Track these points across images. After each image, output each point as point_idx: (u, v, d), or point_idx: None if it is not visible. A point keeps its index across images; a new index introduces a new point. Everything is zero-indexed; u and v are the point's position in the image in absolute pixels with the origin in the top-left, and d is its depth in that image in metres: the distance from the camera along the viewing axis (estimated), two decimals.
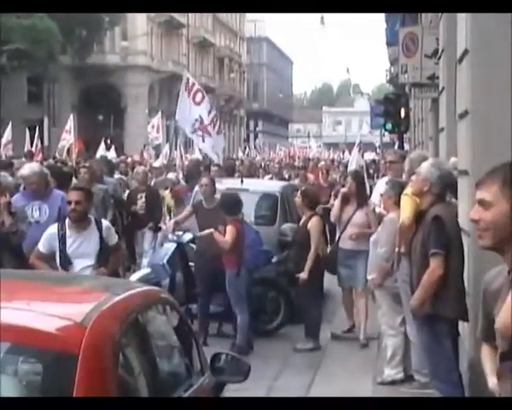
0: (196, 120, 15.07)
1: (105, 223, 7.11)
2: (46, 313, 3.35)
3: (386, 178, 9.77)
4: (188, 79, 15.45)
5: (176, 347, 4.26)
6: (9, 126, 22.52)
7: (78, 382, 2.96)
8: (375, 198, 9.81)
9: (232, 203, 9.53)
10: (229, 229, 9.33)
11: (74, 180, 11.37)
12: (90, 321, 3.19)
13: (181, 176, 16.45)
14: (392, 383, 7.69)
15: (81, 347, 3.03)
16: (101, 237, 6.84)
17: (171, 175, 15.91)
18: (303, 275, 9.49)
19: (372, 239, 8.24)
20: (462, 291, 6.00)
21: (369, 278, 8.16)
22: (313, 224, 9.69)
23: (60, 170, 10.75)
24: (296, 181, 17.79)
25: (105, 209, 11.58)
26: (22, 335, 3.14)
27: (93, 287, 4.32)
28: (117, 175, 15.93)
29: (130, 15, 54.36)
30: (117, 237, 7.19)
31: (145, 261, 12.16)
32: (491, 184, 2.69)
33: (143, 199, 13.26)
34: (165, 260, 9.99)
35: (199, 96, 15.14)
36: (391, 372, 7.81)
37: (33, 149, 21.37)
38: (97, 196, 11.56)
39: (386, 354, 7.92)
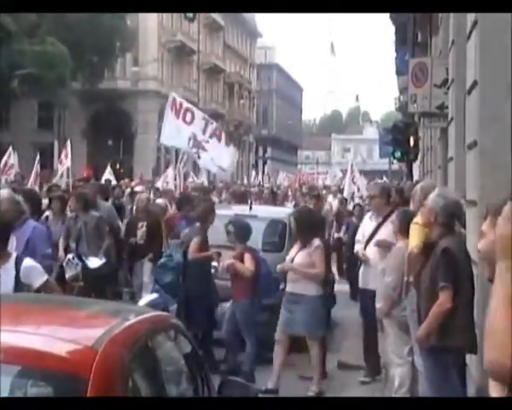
0: (190, 139, 15.00)
1: (27, 262, 6.03)
2: (57, 336, 3.37)
3: (370, 213, 9.82)
4: (174, 99, 15.13)
5: (184, 372, 4.28)
6: (10, 149, 22.02)
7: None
8: (360, 235, 9.61)
9: (244, 230, 9.54)
10: (248, 257, 9.32)
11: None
12: (101, 345, 3.21)
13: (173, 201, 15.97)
14: None
15: (92, 370, 3.05)
16: (17, 278, 5.84)
17: (159, 201, 15.29)
18: None
19: (380, 268, 8.26)
20: (470, 323, 5.98)
21: (377, 306, 8.16)
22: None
23: (30, 195, 9.92)
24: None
25: (99, 238, 11.31)
26: (33, 358, 3.16)
27: (103, 312, 4.35)
28: (111, 200, 15.49)
29: (141, 41, 54.81)
30: (46, 276, 6.18)
31: (145, 295, 11.40)
32: (487, 214, 2.72)
33: (144, 228, 12.72)
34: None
35: (189, 116, 14.94)
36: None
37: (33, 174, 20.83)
38: (90, 224, 11.33)
39: (394, 383, 7.89)
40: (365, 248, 9.17)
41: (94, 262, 11.00)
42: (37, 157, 21.18)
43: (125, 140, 55.26)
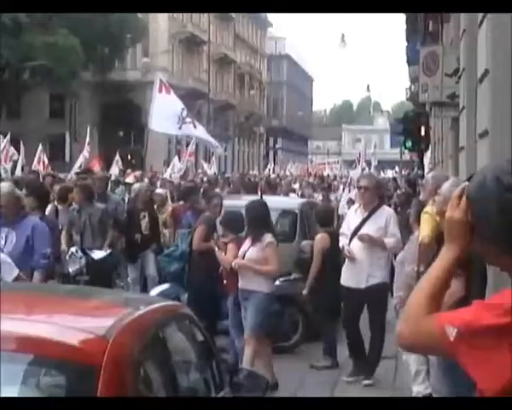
0: (183, 109, 15.01)
1: None
2: (68, 325, 3.39)
3: (356, 206, 9.49)
4: (161, 80, 15.35)
5: (195, 362, 4.29)
6: (8, 137, 21.25)
7: (99, 394, 2.99)
8: (344, 228, 9.27)
9: (232, 222, 9.26)
10: (230, 248, 9.00)
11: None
12: (113, 334, 3.22)
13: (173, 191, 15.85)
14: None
15: (103, 359, 3.07)
16: None
17: (159, 190, 14.95)
18: (304, 291, 9.60)
19: (398, 258, 8.25)
20: None
21: (395, 295, 8.16)
22: (316, 240, 9.70)
23: (35, 188, 9.74)
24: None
25: (104, 230, 11.10)
26: (45, 347, 3.17)
27: (115, 301, 4.36)
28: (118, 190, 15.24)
29: (151, 32, 54.79)
30: (17, 271, 6.11)
31: (152, 287, 11.32)
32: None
33: (147, 219, 12.32)
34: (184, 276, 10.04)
35: (172, 91, 15.07)
36: (420, 388, 7.73)
37: (40, 164, 20.66)
38: (95, 217, 11.05)
39: (411, 371, 7.86)
40: (350, 242, 8.91)
41: (98, 254, 10.82)
42: (40, 147, 21.07)
43: (135, 131, 55.30)
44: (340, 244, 9.06)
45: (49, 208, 11.38)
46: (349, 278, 8.91)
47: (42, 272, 7.31)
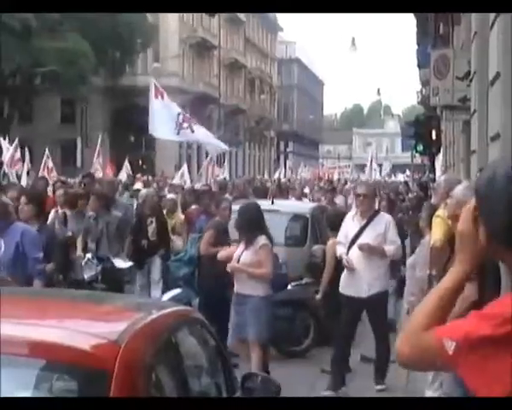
0: (179, 114, 14.99)
1: None
2: (80, 330, 3.39)
3: (352, 213, 9.26)
4: (155, 86, 15.44)
5: (207, 366, 4.29)
6: (16, 142, 20.84)
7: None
8: (341, 236, 8.98)
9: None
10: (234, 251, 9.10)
11: None
12: (125, 339, 3.22)
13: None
14: None
15: (115, 364, 3.06)
16: None
17: (170, 196, 14.75)
18: (317, 296, 9.58)
19: (409, 262, 8.24)
20: None
21: (407, 300, 8.13)
22: (328, 245, 9.68)
23: (33, 196, 9.48)
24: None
25: (121, 238, 11.11)
26: (57, 352, 3.18)
27: (126, 306, 4.36)
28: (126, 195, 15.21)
29: (162, 37, 54.92)
30: None
31: (156, 292, 11.40)
32: None
33: (154, 225, 12.04)
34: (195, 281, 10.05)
35: (165, 95, 15.14)
36: (434, 394, 7.69)
37: (45, 170, 20.46)
38: (112, 224, 11.16)
39: (427, 376, 7.81)
40: (348, 251, 8.76)
41: (120, 263, 10.83)
42: (46, 151, 20.90)
43: (146, 136, 55.37)
44: (338, 253, 8.86)
45: (52, 215, 11.38)
46: (349, 286, 8.75)
47: (40, 278, 7.34)
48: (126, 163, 26.23)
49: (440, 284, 2.11)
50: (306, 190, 24.06)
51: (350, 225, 8.91)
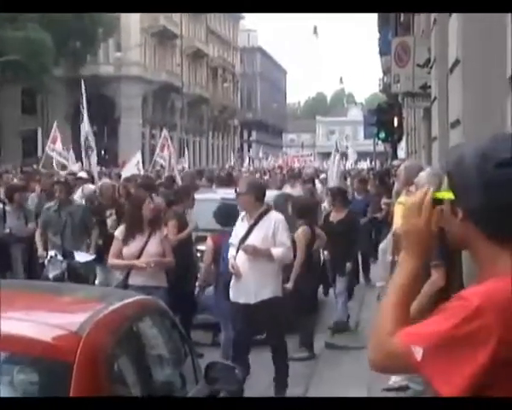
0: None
1: None
2: (41, 322, 3.37)
3: (244, 213, 8.18)
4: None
5: (170, 356, 4.28)
6: None
7: (73, 391, 2.98)
8: (233, 238, 8.09)
9: (221, 214, 9.23)
10: (208, 239, 9.09)
11: None
12: (86, 330, 3.21)
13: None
14: (399, 389, 7.64)
15: (76, 356, 3.05)
16: None
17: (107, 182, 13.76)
18: (288, 285, 9.46)
19: (381, 247, 8.29)
20: None
21: (378, 285, 8.19)
22: (298, 234, 9.70)
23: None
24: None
25: (86, 228, 10.51)
26: (18, 344, 3.16)
27: (88, 297, 4.34)
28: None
29: (123, 27, 54.52)
30: None
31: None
32: None
33: (114, 217, 11.38)
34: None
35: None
36: (397, 379, 7.75)
37: None
38: (76, 216, 10.40)
39: None
40: (237, 254, 7.93)
41: (82, 257, 10.16)
42: None
43: (109, 126, 55.04)
44: (229, 256, 8.06)
45: None
46: (236, 292, 7.95)
47: None
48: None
49: (395, 282, 2.11)
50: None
51: (239, 225, 8.10)
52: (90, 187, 12.91)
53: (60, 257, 9.97)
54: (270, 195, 13.89)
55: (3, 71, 41.57)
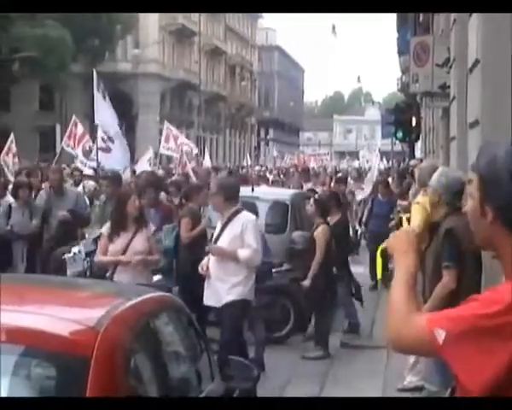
0: (118, 125, 14.93)
1: None
2: (59, 316, 3.39)
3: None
4: (98, 80, 15.30)
5: (186, 352, 4.29)
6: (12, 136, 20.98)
7: (90, 385, 2.99)
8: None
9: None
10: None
11: None
12: (103, 325, 3.23)
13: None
14: (414, 389, 7.62)
15: (94, 350, 3.07)
16: None
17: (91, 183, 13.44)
18: (306, 282, 9.55)
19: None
20: None
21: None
22: (318, 232, 9.72)
23: None
24: None
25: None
26: (36, 338, 3.18)
27: (105, 292, 4.36)
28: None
29: (141, 24, 54.63)
30: None
31: None
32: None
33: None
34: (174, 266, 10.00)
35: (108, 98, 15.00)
36: (413, 379, 7.73)
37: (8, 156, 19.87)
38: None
39: (408, 360, 7.85)
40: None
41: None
42: (11, 137, 20.41)
43: (126, 123, 55.15)
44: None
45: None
46: (207, 294, 7.88)
47: None
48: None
49: (396, 283, 2.20)
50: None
51: (217, 225, 7.99)
52: (91, 184, 13.08)
53: (83, 254, 9.93)
54: (288, 193, 13.95)
55: (21, 67, 41.77)
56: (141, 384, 3.50)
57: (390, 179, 18.43)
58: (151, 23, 56.33)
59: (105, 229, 8.17)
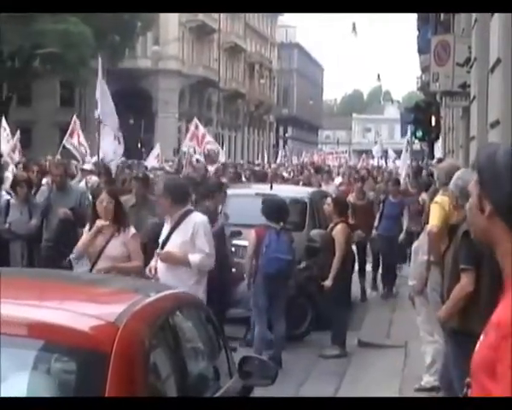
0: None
1: None
2: (79, 312, 3.40)
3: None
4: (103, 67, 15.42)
5: (204, 349, 4.31)
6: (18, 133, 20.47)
7: (109, 380, 3.00)
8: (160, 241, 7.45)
9: (267, 208, 9.26)
10: (249, 234, 9.17)
11: None
12: (123, 321, 3.24)
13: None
14: (431, 389, 7.61)
15: (113, 346, 3.08)
16: None
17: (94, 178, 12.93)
18: (327, 282, 9.51)
19: (414, 247, 8.22)
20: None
21: (410, 284, 8.14)
22: (338, 231, 9.70)
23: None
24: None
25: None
26: (56, 333, 3.19)
27: (125, 288, 4.38)
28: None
29: (162, 21, 54.74)
30: None
31: None
32: None
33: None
34: None
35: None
36: (430, 379, 7.71)
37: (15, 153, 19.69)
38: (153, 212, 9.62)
39: (425, 360, 7.84)
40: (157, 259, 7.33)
41: None
42: (18, 133, 20.36)
43: (146, 119, 55.31)
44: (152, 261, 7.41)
45: None
46: None
47: None
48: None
49: None
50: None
51: (165, 228, 7.47)
52: (94, 179, 12.74)
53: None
54: (306, 191, 13.94)
55: (42, 63, 41.99)
56: (159, 380, 3.51)
57: (401, 179, 18.29)
58: (171, 20, 56.44)
59: (87, 228, 7.41)
